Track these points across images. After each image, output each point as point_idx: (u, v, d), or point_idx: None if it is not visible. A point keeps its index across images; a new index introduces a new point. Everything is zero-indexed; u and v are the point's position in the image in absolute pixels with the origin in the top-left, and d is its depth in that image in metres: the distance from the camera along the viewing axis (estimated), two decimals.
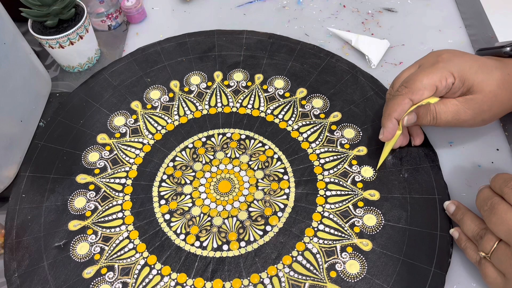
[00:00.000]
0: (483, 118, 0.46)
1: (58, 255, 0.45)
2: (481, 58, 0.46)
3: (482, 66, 0.45)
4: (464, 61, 0.45)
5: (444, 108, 0.45)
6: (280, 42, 0.61)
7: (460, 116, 0.45)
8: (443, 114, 0.45)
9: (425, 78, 0.44)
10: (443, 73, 0.44)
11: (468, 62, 0.45)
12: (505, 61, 0.46)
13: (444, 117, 0.45)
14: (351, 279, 0.43)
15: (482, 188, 0.42)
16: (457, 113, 0.45)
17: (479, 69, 0.44)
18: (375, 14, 0.65)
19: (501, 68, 0.45)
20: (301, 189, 0.48)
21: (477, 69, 0.44)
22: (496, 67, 0.45)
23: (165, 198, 0.49)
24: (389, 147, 0.48)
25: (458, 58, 0.45)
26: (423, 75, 0.44)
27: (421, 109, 0.46)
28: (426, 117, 0.46)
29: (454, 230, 0.44)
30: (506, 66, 0.45)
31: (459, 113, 0.45)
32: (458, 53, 0.46)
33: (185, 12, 0.67)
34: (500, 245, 0.38)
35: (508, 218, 0.37)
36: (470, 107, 0.45)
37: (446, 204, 0.45)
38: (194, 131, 0.54)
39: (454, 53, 0.46)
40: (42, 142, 0.53)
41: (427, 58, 0.47)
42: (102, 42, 0.64)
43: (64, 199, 0.49)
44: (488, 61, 0.46)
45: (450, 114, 0.45)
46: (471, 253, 0.42)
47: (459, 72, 0.44)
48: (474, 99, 0.44)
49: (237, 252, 0.45)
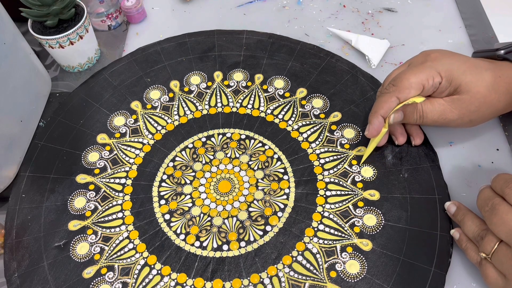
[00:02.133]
0: (470, 118, 0.46)
1: (58, 255, 0.45)
2: (471, 59, 0.46)
3: (471, 67, 0.45)
4: (452, 61, 0.45)
5: (431, 107, 0.46)
6: (280, 42, 0.61)
7: (446, 115, 0.45)
8: (430, 113, 0.46)
9: (412, 76, 0.44)
10: (430, 72, 0.44)
11: (457, 62, 0.45)
12: (497, 63, 0.46)
13: (430, 116, 0.46)
14: (351, 279, 0.43)
15: (483, 188, 0.42)
16: (443, 112, 0.45)
17: (467, 70, 0.44)
18: (375, 14, 0.65)
19: (492, 70, 0.45)
20: (301, 189, 0.48)
21: (466, 70, 0.44)
22: (487, 69, 0.45)
23: (165, 198, 0.49)
24: (374, 144, 0.48)
25: (446, 58, 0.45)
26: (411, 74, 0.45)
27: (408, 108, 0.46)
28: (413, 116, 0.46)
29: (455, 231, 0.44)
30: (498, 69, 0.45)
31: (446, 113, 0.45)
32: (448, 53, 0.46)
33: (185, 12, 0.67)
34: (501, 246, 0.38)
35: (509, 219, 0.37)
36: (456, 107, 0.45)
37: (447, 205, 0.45)
38: (194, 131, 0.54)
39: (444, 53, 0.46)
40: (42, 142, 0.53)
41: (417, 57, 0.48)
42: (102, 42, 0.64)
43: (64, 199, 0.49)
44: (480, 63, 0.46)
45: (436, 113, 0.46)
46: (471, 253, 0.41)
47: (447, 72, 0.44)
48: (460, 99, 0.45)
49: (237, 252, 0.45)
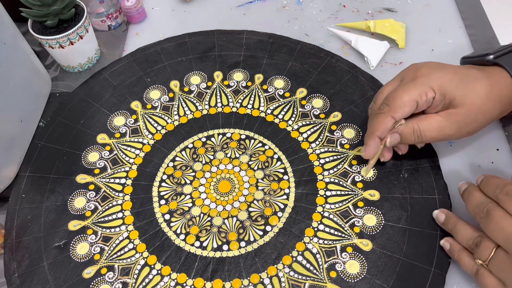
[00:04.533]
0: (468, 130, 0.45)
1: (58, 255, 0.45)
2: (462, 70, 0.45)
3: (463, 78, 0.44)
4: (443, 74, 0.44)
5: (428, 126, 0.44)
6: (280, 42, 0.61)
7: (445, 131, 0.44)
8: (428, 131, 0.44)
9: (405, 95, 0.43)
10: (423, 88, 0.43)
11: (448, 75, 0.44)
12: (488, 70, 0.45)
13: (429, 134, 0.44)
14: (351, 279, 0.43)
15: (473, 192, 0.41)
16: (441, 128, 0.44)
17: (460, 82, 0.43)
18: (375, 14, 0.65)
19: (483, 78, 0.44)
20: (301, 189, 0.48)
21: (458, 82, 0.43)
22: (478, 78, 0.44)
23: (165, 198, 0.49)
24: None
25: (437, 72, 0.44)
26: (403, 92, 0.44)
27: (405, 129, 0.45)
28: (411, 137, 0.45)
29: (445, 241, 0.43)
30: (488, 76, 0.44)
31: (444, 129, 0.44)
32: (437, 66, 0.45)
33: (185, 12, 0.67)
34: (498, 252, 0.38)
35: (506, 224, 0.37)
36: (454, 121, 0.44)
37: (435, 214, 0.45)
38: (194, 131, 0.54)
39: (433, 67, 0.45)
40: (42, 142, 0.53)
41: (407, 72, 0.46)
42: (102, 42, 0.64)
43: (64, 199, 0.49)
44: (470, 72, 0.45)
45: (434, 130, 0.44)
46: (466, 262, 0.40)
47: (439, 86, 0.43)
48: (457, 113, 0.43)
49: (237, 252, 0.45)
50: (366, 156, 0.47)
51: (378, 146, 0.46)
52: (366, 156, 0.47)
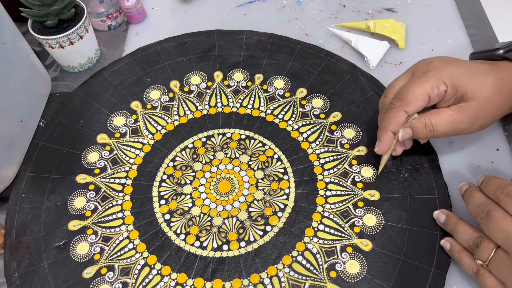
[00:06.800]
0: (480, 124, 0.45)
1: (58, 255, 0.45)
2: (473, 64, 0.45)
3: (474, 72, 0.44)
4: (455, 68, 0.44)
5: (440, 120, 0.44)
6: (280, 42, 0.61)
7: (457, 125, 0.44)
8: (440, 125, 0.44)
9: (417, 88, 0.43)
10: (435, 81, 0.43)
11: (460, 68, 0.44)
12: (498, 64, 0.45)
13: (441, 129, 0.44)
14: (351, 279, 0.43)
15: (474, 193, 0.41)
16: (453, 123, 0.44)
17: (471, 76, 0.44)
18: (375, 14, 0.65)
19: (494, 72, 0.44)
20: (301, 189, 0.48)
21: (470, 76, 0.44)
22: (489, 72, 0.44)
23: (165, 198, 0.49)
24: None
25: (449, 65, 0.45)
26: (415, 86, 0.44)
27: (417, 124, 0.45)
28: (423, 131, 0.45)
29: (445, 241, 0.43)
30: (499, 70, 0.45)
31: (456, 123, 0.44)
32: (449, 60, 0.45)
33: (185, 12, 0.67)
34: (498, 252, 0.38)
35: (506, 225, 0.37)
36: (466, 115, 0.44)
37: (435, 214, 0.45)
38: (194, 131, 0.54)
39: (445, 61, 0.45)
40: (42, 142, 0.53)
41: (418, 66, 0.46)
42: (102, 42, 0.64)
43: (64, 199, 0.49)
44: (481, 66, 0.45)
45: (447, 125, 0.44)
46: (467, 262, 0.40)
47: (451, 80, 0.43)
48: (469, 106, 0.44)
49: (237, 252, 0.45)
50: (380, 152, 0.46)
51: (392, 141, 0.46)
52: (380, 152, 0.46)
